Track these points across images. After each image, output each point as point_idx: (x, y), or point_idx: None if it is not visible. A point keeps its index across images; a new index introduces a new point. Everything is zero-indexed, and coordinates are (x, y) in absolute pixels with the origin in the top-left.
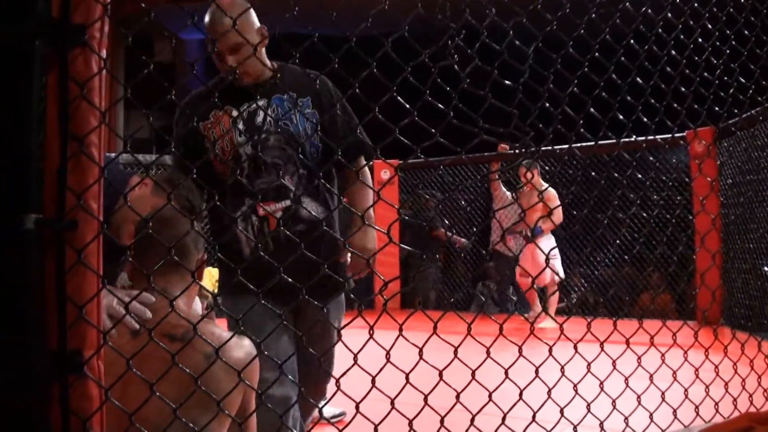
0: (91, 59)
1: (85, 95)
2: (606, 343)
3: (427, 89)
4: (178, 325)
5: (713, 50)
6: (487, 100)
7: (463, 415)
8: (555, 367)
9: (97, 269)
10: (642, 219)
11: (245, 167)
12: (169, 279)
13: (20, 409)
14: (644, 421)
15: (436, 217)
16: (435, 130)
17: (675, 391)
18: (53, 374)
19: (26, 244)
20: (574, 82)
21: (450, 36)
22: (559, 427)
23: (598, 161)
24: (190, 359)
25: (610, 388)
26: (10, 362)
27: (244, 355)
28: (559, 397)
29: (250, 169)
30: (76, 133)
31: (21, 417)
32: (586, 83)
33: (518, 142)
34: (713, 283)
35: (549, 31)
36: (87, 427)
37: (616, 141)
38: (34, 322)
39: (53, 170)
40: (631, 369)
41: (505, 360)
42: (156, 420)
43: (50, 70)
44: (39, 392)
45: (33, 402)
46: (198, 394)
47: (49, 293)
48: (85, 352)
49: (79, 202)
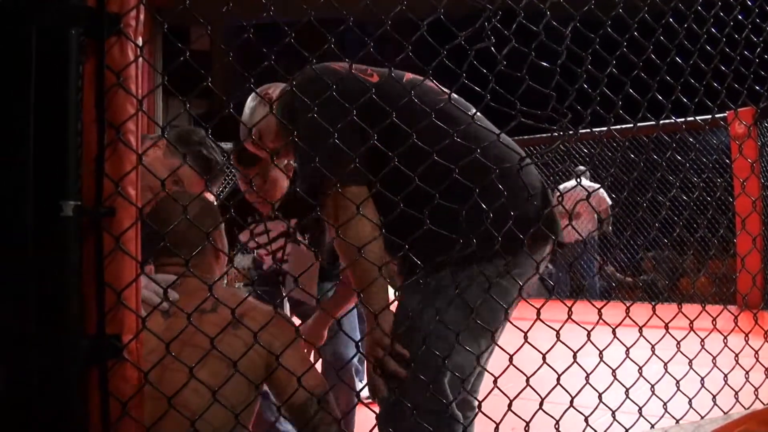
0: (127, 47)
1: (122, 83)
2: (645, 327)
3: (464, 72)
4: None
5: (753, 27)
6: (524, 82)
7: (500, 399)
8: (593, 352)
9: (135, 255)
10: (682, 202)
11: None
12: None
13: (60, 393)
14: (683, 407)
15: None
16: (472, 114)
17: (714, 376)
18: (92, 358)
19: (65, 231)
20: (613, 62)
21: (486, 18)
22: (597, 412)
23: (637, 143)
24: (222, 338)
25: (649, 373)
26: (51, 347)
27: (267, 312)
28: (598, 383)
29: None
30: (113, 121)
31: (61, 401)
32: (625, 63)
33: (556, 124)
34: (754, 267)
35: (586, 10)
36: (126, 410)
37: (655, 123)
38: (73, 308)
39: (91, 158)
40: (669, 354)
41: (543, 345)
42: (193, 403)
43: (87, 59)
44: (78, 376)
45: (73, 386)
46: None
47: (87, 279)
48: (123, 336)
49: (117, 189)
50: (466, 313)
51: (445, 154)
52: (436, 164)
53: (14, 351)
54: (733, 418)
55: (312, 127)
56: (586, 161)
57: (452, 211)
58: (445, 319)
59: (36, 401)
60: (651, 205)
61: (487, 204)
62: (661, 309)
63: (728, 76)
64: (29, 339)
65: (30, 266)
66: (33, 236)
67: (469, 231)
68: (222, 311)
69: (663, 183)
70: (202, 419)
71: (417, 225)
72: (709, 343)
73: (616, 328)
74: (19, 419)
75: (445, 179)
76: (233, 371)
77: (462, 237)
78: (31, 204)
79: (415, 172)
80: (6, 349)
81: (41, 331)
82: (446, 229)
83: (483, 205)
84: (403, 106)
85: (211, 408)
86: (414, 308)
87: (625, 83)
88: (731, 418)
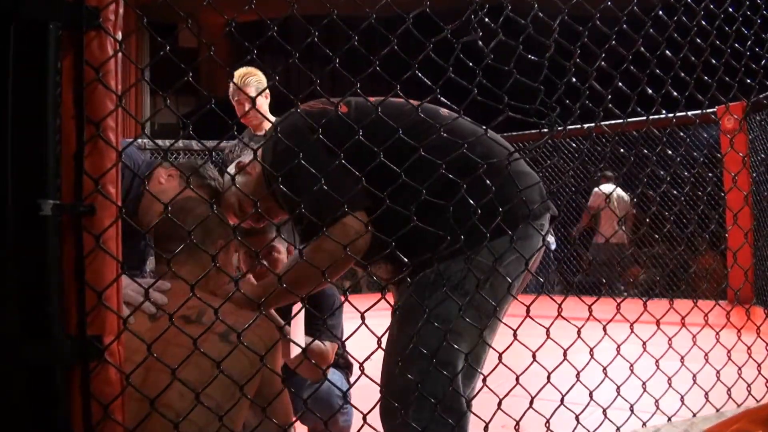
0: (106, 42)
1: (101, 78)
2: (636, 323)
3: (450, 66)
4: (192, 306)
5: (744, 20)
6: (511, 76)
7: (490, 398)
8: (584, 349)
9: (116, 254)
10: (673, 197)
11: None
12: (185, 265)
13: (41, 395)
14: (675, 403)
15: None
16: (459, 108)
17: (707, 372)
18: (73, 360)
19: (44, 229)
20: (602, 56)
21: (473, 11)
22: (588, 409)
23: (627, 138)
24: (205, 341)
25: (641, 369)
26: (31, 349)
27: (260, 332)
28: (588, 380)
29: None
30: (93, 117)
31: (42, 403)
32: (614, 57)
33: (545, 119)
34: (745, 262)
35: (575, 3)
36: (108, 413)
37: (645, 118)
38: (53, 309)
39: (70, 155)
40: (661, 350)
41: (534, 342)
42: (178, 405)
43: (65, 54)
44: (59, 379)
45: (54, 388)
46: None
47: (68, 279)
48: (105, 337)
49: (96, 187)
50: (473, 302)
51: (434, 152)
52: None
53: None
54: (726, 416)
55: (305, 164)
56: (575, 156)
57: (461, 201)
58: (453, 313)
59: (16, 404)
60: (640, 201)
61: (480, 191)
62: (652, 305)
63: (719, 70)
64: (8, 341)
65: (9, 266)
66: (11, 236)
67: (467, 220)
68: (207, 322)
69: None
70: (187, 420)
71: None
72: (701, 339)
73: (607, 325)
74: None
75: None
76: (217, 372)
77: (465, 224)
78: (9, 203)
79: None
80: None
81: (21, 333)
82: (446, 222)
83: (487, 185)
84: (383, 123)
85: (196, 409)
86: (421, 304)
87: (615, 77)
88: (724, 416)
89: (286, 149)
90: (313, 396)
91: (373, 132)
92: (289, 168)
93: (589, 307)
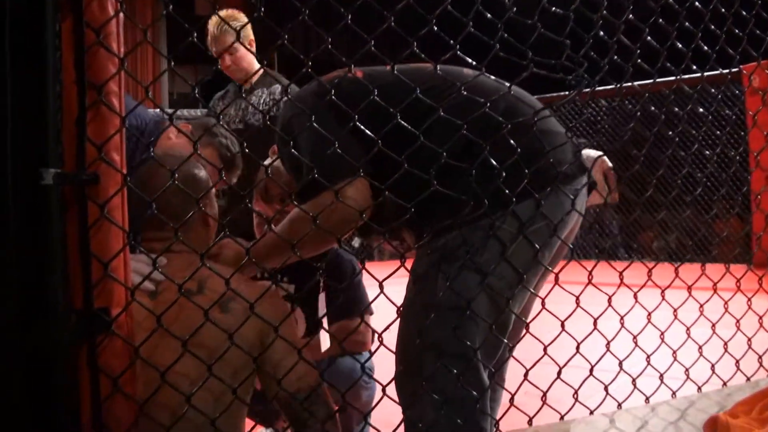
0: (107, 2)
1: (102, 41)
2: (668, 289)
3: (470, 20)
4: (191, 279)
5: None
6: (535, 30)
7: (517, 368)
8: (614, 316)
9: (121, 224)
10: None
11: None
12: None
13: (48, 371)
14: (706, 372)
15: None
16: (480, 65)
17: (738, 340)
18: (80, 334)
19: (46, 200)
20: (630, 8)
21: None
22: (618, 379)
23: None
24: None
25: (671, 337)
26: (36, 324)
27: (260, 287)
28: (618, 348)
29: None
30: (94, 82)
31: (49, 379)
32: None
33: (571, 75)
34: None
35: None
36: (118, 386)
37: (676, 77)
38: (57, 282)
39: (72, 121)
40: (692, 317)
41: (563, 309)
42: (182, 384)
43: (64, 17)
44: (67, 353)
45: (61, 364)
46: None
47: (72, 251)
48: (112, 310)
49: (100, 154)
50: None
51: (453, 111)
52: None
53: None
54: (760, 387)
55: (318, 129)
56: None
57: (483, 163)
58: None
59: (23, 380)
60: (671, 162)
61: (504, 152)
62: (683, 270)
63: (749, 23)
64: (13, 316)
65: (11, 239)
66: (12, 207)
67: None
68: (209, 293)
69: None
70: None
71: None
72: (732, 305)
73: (638, 292)
74: (5, 399)
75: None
76: (225, 346)
77: (487, 188)
78: (9, 173)
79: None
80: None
81: (26, 308)
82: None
83: (512, 145)
84: (399, 83)
85: (201, 389)
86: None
87: (643, 31)
88: (759, 387)
89: (294, 114)
90: (337, 371)
91: (390, 94)
92: (295, 134)
93: (620, 273)
